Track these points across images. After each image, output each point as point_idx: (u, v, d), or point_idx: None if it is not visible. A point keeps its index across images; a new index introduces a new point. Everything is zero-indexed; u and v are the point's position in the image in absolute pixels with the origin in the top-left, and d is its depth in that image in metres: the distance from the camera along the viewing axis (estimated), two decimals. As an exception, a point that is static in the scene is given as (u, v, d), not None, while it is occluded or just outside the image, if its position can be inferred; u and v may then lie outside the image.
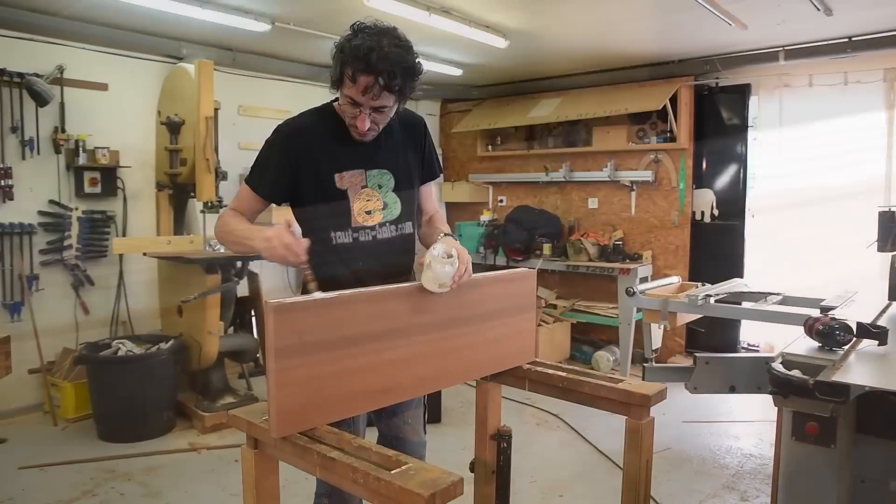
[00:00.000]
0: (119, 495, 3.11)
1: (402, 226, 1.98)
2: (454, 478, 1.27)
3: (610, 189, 5.73)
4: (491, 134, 6.46)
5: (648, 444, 1.85)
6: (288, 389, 1.48)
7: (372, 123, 1.79)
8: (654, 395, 1.81)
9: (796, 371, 1.91)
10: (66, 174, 4.28)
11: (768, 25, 4.21)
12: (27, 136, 4.07)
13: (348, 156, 1.88)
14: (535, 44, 4.78)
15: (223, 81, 4.92)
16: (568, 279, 5.96)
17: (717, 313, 3.37)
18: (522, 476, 3.38)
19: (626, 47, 4.88)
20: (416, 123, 2.05)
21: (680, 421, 4.14)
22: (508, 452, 2.24)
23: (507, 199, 6.52)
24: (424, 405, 2.20)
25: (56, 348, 4.24)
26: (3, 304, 4.04)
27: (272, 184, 1.83)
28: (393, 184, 1.95)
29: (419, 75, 1.77)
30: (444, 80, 6.20)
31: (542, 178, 6.06)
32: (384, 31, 1.73)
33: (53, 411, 4.06)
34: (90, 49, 4.37)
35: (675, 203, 5.35)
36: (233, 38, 4.60)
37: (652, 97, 5.10)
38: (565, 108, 5.60)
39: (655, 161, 5.41)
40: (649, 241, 5.51)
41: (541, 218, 5.94)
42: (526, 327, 2.10)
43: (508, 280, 2.04)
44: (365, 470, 1.32)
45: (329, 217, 1.87)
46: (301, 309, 1.49)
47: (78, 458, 3.50)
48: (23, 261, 4.10)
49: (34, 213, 4.16)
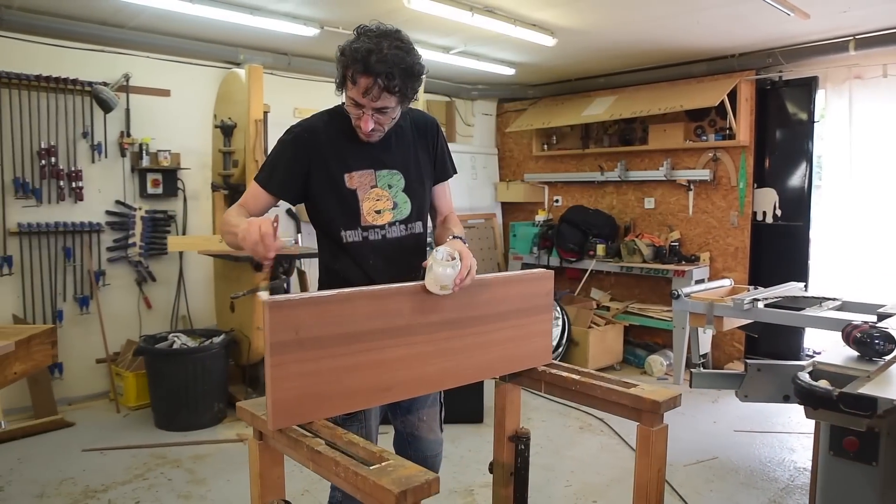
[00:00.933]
0: (167, 480, 3.27)
1: (413, 225, 1.99)
2: (429, 476, 1.27)
3: (666, 188, 5.55)
4: (546, 133, 6.38)
5: (660, 452, 1.79)
6: (284, 384, 1.51)
7: (376, 124, 1.81)
8: (664, 401, 1.75)
9: (823, 381, 1.80)
10: (131, 176, 4.53)
11: (832, 14, 3.98)
12: (96, 141, 4.34)
13: (358, 156, 1.90)
14: (585, 41, 4.70)
15: (278, 84, 5.11)
16: (623, 281, 5.82)
17: (762, 318, 3.21)
18: (558, 479, 3.34)
19: (682, 42, 4.72)
20: (429, 124, 2.06)
21: (731, 430, 3.97)
22: (526, 455, 2.23)
23: (563, 199, 6.43)
24: (441, 403, 2.21)
25: (121, 340, 4.50)
26: (73, 298, 4.33)
27: (281, 182, 1.88)
28: (403, 184, 1.96)
29: (419, 76, 1.78)
30: (499, 80, 6.19)
31: (597, 178, 5.94)
32: (385, 33, 1.75)
33: (117, 399, 4.31)
34: (154, 57, 4.61)
35: (734, 203, 5.13)
36: (287, 42, 4.75)
37: (709, 93, 4.90)
38: (619, 107, 5.46)
39: (714, 159, 5.20)
40: (707, 242, 5.30)
41: (595, 218, 5.83)
42: (542, 328, 2.07)
43: (523, 281, 2.01)
44: (346, 464, 1.34)
45: (339, 216, 1.90)
46: (298, 306, 1.52)
47: (134, 444, 3.71)
48: (91, 257, 4.37)
49: (102, 213, 4.42)
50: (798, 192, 4.95)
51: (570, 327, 5.15)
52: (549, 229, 6.00)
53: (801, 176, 4.94)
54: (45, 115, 4.15)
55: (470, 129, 6.80)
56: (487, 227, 6.82)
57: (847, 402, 1.64)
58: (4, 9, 3.91)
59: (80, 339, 4.35)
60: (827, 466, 2.03)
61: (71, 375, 4.34)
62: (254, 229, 1.56)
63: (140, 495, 3.11)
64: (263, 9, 4.01)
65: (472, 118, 6.82)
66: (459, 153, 6.58)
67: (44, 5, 3.93)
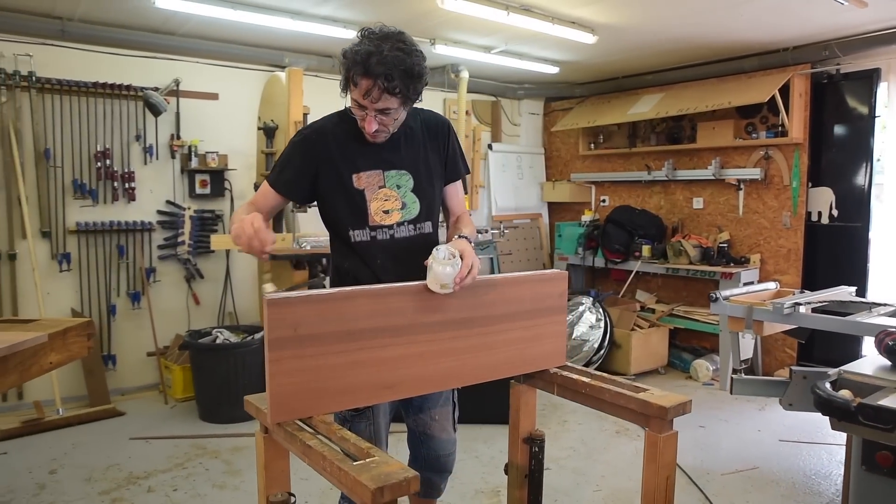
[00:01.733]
0: (204, 470, 3.39)
1: (422, 225, 2.00)
2: (409, 474, 1.27)
3: (716, 188, 5.37)
4: (593, 132, 6.28)
5: (668, 459, 1.73)
6: (282, 379, 1.55)
7: (380, 125, 1.82)
8: (671, 406, 1.69)
9: (846, 392, 1.70)
10: (181, 177, 4.72)
11: (892, 1, 3.76)
12: (148, 144, 4.54)
13: (366, 157, 1.92)
14: (627, 38, 4.60)
15: (323, 86, 5.19)
16: (670, 283, 5.67)
17: (803, 323, 3.06)
18: (588, 483, 3.28)
19: (729, 37, 4.55)
20: (440, 125, 2.06)
21: (776, 439, 3.81)
22: (540, 457, 2.20)
23: (610, 199, 6.31)
24: (454, 403, 2.21)
25: (170, 334, 4.69)
26: (126, 293, 4.54)
27: (289, 182, 1.92)
28: (412, 184, 1.97)
29: (420, 77, 1.78)
30: (546, 79, 6.13)
31: (644, 178, 5.80)
32: (387, 35, 1.77)
33: (165, 391, 4.50)
34: (203, 63, 4.78)
35: (787, 203, 4.91)
36: (331, 45, 4.82)
37: (758, 89, 4.71)
38: (666, 104, 5.32)
39: (766, 157, 4.99)
40: (758, 243, 5.10)
41: (641, 218, 5.70)
42: (555, 330, 2.04)
43: (534, 281, 1.99)
44: (331, 459, 1.36)
45: (348, 216, 1.93)
46: (296, 303, 1.55)
47: (177, 434, 3.86)
48: (143, 255, 4.58)
49: (153, 213, 4.62)
50: (857, 191, 4.70)
51: (612, 329, 5.05)
52: (595, 230, 5.91)
53: (860, 174, 4.68)
54: (102, 120, 4.37)
55: (516, 128, 6.76)
56: (533, 227, 6.76)
57: (866, 414, 1.55)
58: (67, 21, 4.14)
59: (131, 333, 4.56)
60: (859, 482, 1.93)
61: (123, 367, 4.55)
62: (246, 226, 1.60)
63: (178, 483, 3.24)
64: (303, 13, 4.10)
65: (518, 117, 6.77)
66: (505, 153, 6.57)
67: (101, 16, 4.14)
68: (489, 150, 6.48)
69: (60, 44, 4.21)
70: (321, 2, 3.91)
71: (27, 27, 4.06)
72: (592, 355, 5.00)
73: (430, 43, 4.74)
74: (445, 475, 2.25)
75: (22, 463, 3.47)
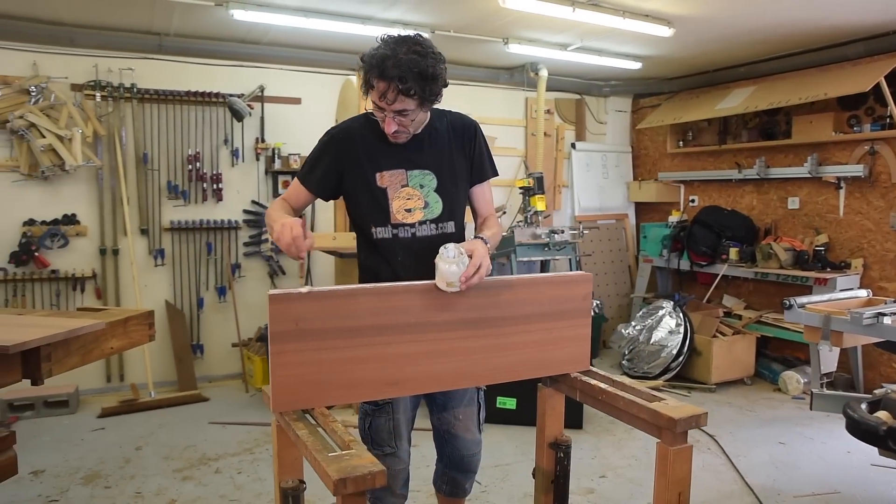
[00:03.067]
0: (269, 456, 3.57)
1: (444, 225, 2.01)
2: (375, 469, 1.30)
3: (812, 187, 4.96)
4: (682, 129, 6.00)
5: (681, 474, 1.64)
6: (284, 371, 1.62)
7: (399, 126, 1.85)
8: (681, 418, 1.60)
9: (883, 413, 1.53)
10: (265, 178, 4.99)
11: None
12: (235, 147, 4.84)
13: (390, 156, 1.96)
14: (710, 29, 4.35)
15: None
16: (761, 288, 5.31)
17: (886, 335, 2.77)
18: (643, 495, 3.15)
19: (826, 22, 4.18)
20: (466, 127, 2.07)
21: (867, 463, 3.47)
22: (566, 463, 2.14)
23: (699, 199, 6.00)
24: (479, 404, 2.20)
25: (253, 327, 4.98)
26: (214, 287, 4.86)
27: (317, 180, 1.99)
28: (435, 184, 1.99)
29: (435, 79, 1.80)
30: (632, 75, 5.93)
31: (734, 176, 5.47)
32: (404, 39, 1.80)
33: (247, 380, 4.78)
34: (286, 69, 5.03)
35: (895, 202, 4.45)
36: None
37: (860, 77, 4.30)
38: (757, 98, 4.98)
39: (871, 153, 4.55)
40: (861, 247, 4.66)
41: (730, 219, 5.37)
42: (577, 333, 1.99)
43: (554, 283, 1.95)
44: (311, 449, 1.41)
45: (370, 213, 1.98)
46: (297, 299, 1.62)
47: (251, 421, 4.09)
48: (229, 252, 4.88)
49: (239, 212, 4.92)
50: (979, 190, 4.19)
51: (692, 335, 4.80)
52: (681, 231, 5.63)
53: (983, 171, 4.17)
54: (193, 126, 4.71)
55: (602, 126, 6.58)
56: (619, 228, 6.56)
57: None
58: (164, 36, 4.51)
59: (218, 325, 4.88)
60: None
61: (210, 356, 4.88)
62: (286, 231, 1.69)
63: (243, 467, 3.44)
64: (373, 18, 4.21)
65: (604, 115, 6.59)
66: (589, 151, 6.41)
67: (193, 30, 4.46)
68: (572, 150, 6.35)
69: (158, 57, 4.58)
70: (389, 6, 4.00)
71: (130, 44, 4.45)
72: (671, 362, 4.78)
73: (503, 42, 4.72)
74: (470, 475, 2.24)
75: (115, 438, 3.82)
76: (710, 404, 4.43)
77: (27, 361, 1.98)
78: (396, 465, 2.06)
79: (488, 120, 5.76)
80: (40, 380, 2.01)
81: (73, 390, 4.25)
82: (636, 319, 5.29)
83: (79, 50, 4.34)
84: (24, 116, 4.05)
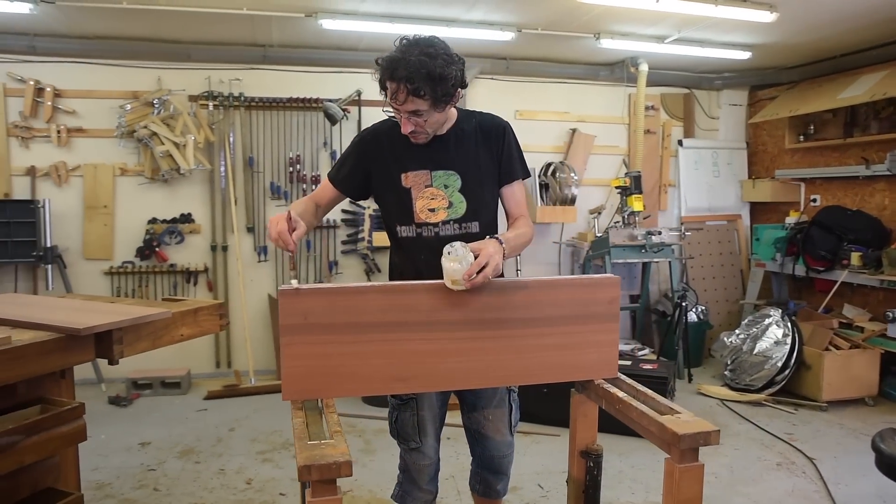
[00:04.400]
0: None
1: (468, 225, 2.02)
2: (341, 459, 1.34)
3: (955, 184, 4.37)
4: (802, 122, 5.49)
5: (688, 495, 1.53)
6: (293, 361, 1.71)
7: (415, 126, 1.89)
8: (685, 434, 1.50)
9: (919, 439, 1.34)
10: (360, 179, 5.20)
11: None
12: (333, 149, 5.09)
13: (415, 157, 2.01)
14: (819, 11, 3.96)
15: (499, 88, 5.38)
16: (893, 298, 4.74)
17: None
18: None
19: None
20: (494, 128, 2.08)
21: None
22: (595, 473, 2.07)
23: (822, 199, 5.47)
24: (510, 405, 2.17)
25: (348, 321, 5.20)
26: (313, 283, 5.15)
27: (344, 178, 2.08)
28: (460, 184, 2.01)
29: (444, 80, 1.81)
30: (747, 65, 5.52)
31: (861, 172, 4.93)
32: (417, 42, 1.83)
33: (339, 371, 5.01)
34: (383, 74, 5.20)
35: None
36: (501, 48, 4.93)
37: None
38: (886, 84, 4.45)
39: None
40: None
41: (854, 221, 4.85)
42: (601, 339, 1.91)
43: (575, 286, 1.89)
44: (298, 437, 1.48)
45: (396, 212, 2.04)
46: (305, 295, 1.70)
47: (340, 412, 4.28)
48: (327, 249, 5.15)
49: (338, 211, 5.17)
50: None
51: (800, 347, 4.40)
52: (798, 233, 5.17)
53: None
54: (294, 130, 5.02)
55: (714, 121, 6.19)
56: (730, 229, 6.13)
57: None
58: (268, 48, 4.85)
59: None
60: None
61: (308, 347, 5.17)
62: (273, 225, 1.78)
63: (319, 454, 3.62)
64: (458, 20, 4.26)
65: (717, 110, 6.19)
66: (698, 149, 6.06)
67: (293, 40, 4.76)
68: (679, 147, 6.02)
69: (263, 67, 4.93)
70: (471, 7, 4.03)
71: (239, 56, 4.84)
72: (775, 375, 4.41)
73: (594, 38, 4.60)
74: (501, 477, 2.22)
75: (214, 419, 4.17)
76: (817, 424, 4.04)
77: (101, 343, 2.23)
78: (421, 460, 2.10)
79: (587, 118, 5.61)
80: (113, 359, 2.26)
81: (185, 373, 4.69)
82: (741, 328, 4.93)
83: (194, 64, 4.78)
84: (147, 126, 4.52)
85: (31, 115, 4.52)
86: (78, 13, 3.95)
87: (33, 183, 4.57)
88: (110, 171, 4.69)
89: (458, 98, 1.93)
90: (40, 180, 4.60)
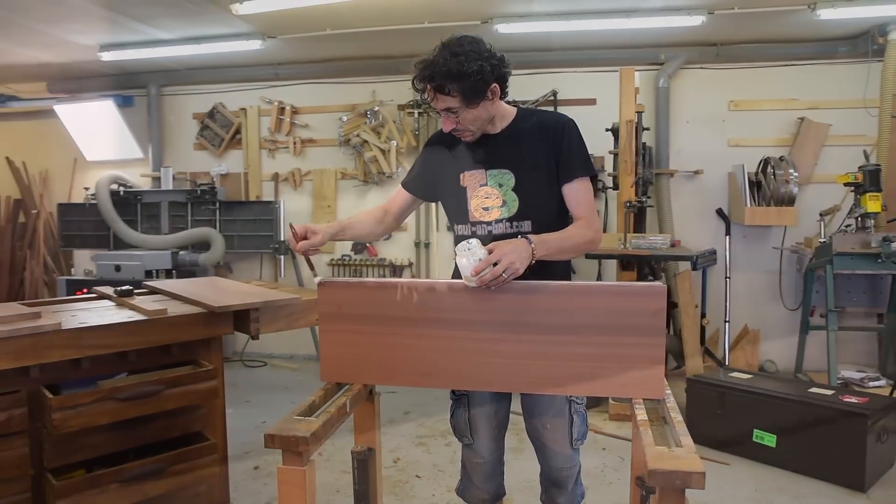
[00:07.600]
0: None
1: (520, 224, 1.99)
2: (301, 434, 1.47)
3: None
4: None
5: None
6: (330, 346, 1.90)
7: (457, 124, 1.93)
8: (663, 471, 1.30)
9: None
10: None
11: None
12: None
13: (472, 156, 2.04)
14: None
15: (710, 78, 4.96)
16: None
17: None
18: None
19: None
20: (554, 125, 2.01)
21: None
22: (648, 502, 1.87)
23: None
24: (572, 417, 2.06)
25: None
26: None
27: (413, 180, 2.19)
28: (513, 183, 1.99)
29: (467, 77, 1.82)
30: None
31: None
32: (448, 43, 1.88)
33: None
34: (579, 71, 5.13)
35: None
36: (707, 34, 4.52)
37: None
38: None
39: None
40: None
41: None
42: (645, 353, 1.72)
43: (611, 293, 1.73)
44: (293, 412, 1.65)
45: (454, 212, 2.10)
46: (339, 287, 1.89)
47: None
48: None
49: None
50: None
51: None
52: None
53: None
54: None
55: None
56: None
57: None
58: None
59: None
60: None
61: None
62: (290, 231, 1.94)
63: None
64: (639, 9, 4.02)
65: None
66: None
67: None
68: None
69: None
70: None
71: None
72: None
73: (808, 9, 3.93)
74: (563, 491, 2.13)
75: (401, 402, 4.49)
76: None
77: (240, 319, 2.68)
78: (474, 457, 2.14)
79: (820, 104, 4.79)
80: (252, 335, 2.70)
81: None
82: None
83: (403, 76, 5.24)
84: (358, 134, 5.14)
85: (276, 130, 5.47)
86: (298, 42, 4.67)
87: (276, 186, 5.52)
88: (333, 175, 5.44)
89: (498, 94, 1.92)
90: (281, 184, 5.53)
